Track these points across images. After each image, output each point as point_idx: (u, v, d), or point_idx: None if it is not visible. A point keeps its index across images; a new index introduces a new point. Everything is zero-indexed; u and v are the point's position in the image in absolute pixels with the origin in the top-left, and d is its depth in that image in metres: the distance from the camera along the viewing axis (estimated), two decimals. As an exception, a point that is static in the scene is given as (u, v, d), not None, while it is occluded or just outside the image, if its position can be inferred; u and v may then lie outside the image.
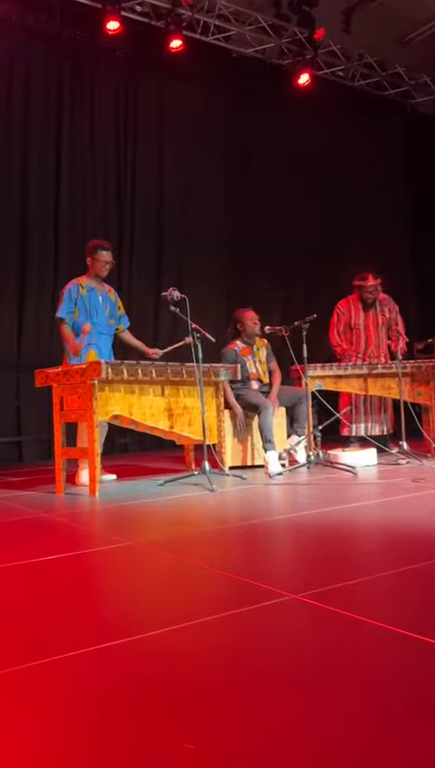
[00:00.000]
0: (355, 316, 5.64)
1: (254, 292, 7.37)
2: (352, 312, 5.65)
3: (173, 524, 3.09)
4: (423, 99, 9.15)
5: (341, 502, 3.38)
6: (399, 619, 1.58)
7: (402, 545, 2.39)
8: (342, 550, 2.40)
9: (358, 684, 1.27)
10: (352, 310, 5.65)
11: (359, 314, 5.64)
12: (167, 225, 7.49)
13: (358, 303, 5.64)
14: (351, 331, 5.65)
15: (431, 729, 1.08)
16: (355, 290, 5.64)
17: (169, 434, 4.46)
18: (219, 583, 2.02)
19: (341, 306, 5.69)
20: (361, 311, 5.64)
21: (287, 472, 4.66)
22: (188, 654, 1.46)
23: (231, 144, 7.85)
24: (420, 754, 1.01)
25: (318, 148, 8.10)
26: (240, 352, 5.19)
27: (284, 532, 2.81)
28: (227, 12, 7.30)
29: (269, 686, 1.28)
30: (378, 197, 8.55)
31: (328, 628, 1.58)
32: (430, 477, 4.03)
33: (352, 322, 5.64)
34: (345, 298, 5.72)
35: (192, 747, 1.04)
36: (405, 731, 1.08)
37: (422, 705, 1.17)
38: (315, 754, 1.03)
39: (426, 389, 5.44)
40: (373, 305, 5.63)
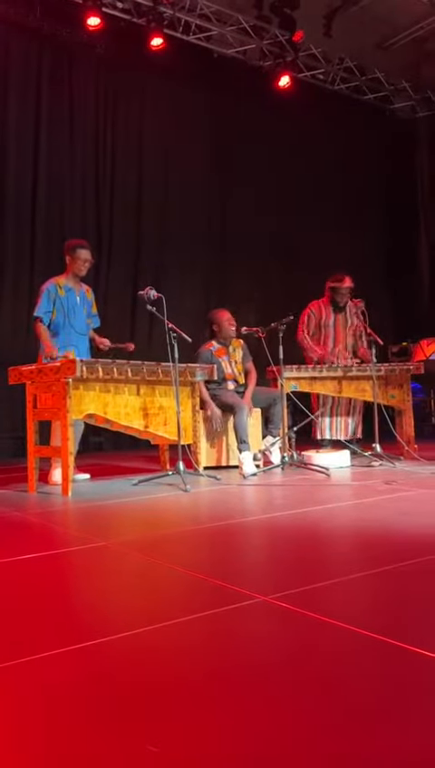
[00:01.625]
0: (326, 318, 5.64)
1: (232, 293, 7.39)
2: (323, 313, 5.63)
3: (146, 525, 3.09)
4: (402, 104, 9.25)
5: (313, 503, 3.40)
6: (367, 622, 1.60)
7: (373, 547, 2.41)
8: (313, 551, 2.42)
9: (324, 686, 1.28)
10: (322, 311, 5.63)
11: (329, 316, 5.63)
12: (145, 223, 7.47)
13: (329, 306, 5.62)
14: (320, 332, 5.65)
15: (396, 730, 1.09)
16: (327, 291, 5.64)
17: (143, 433, 4.44)
18: (190, 585, 2.02)
19: (312, 307, 5.67)
20: (331, 313, 5.63)
21: (261, 472, 4.67)
22: (158, 655, 1.46)
23: (211, 143, 7.85)
24: (384, 754, 1.03)
25: (298, 150, 8.14)
26: (215, 353, 5.20)
27: (256, 534, 2.82)
28: (209, 12, 7.30)
29: (238, 687, 1.28)
30: (356, 201, 8.62)
31: (297, 631, 1.59)
32: (402, 480, 4.07)
33: (322, 323, 5.64)
34: (317, 299, 5.72)
35: (156, 750, 1.04)
36: (371, 731, 1.09)
37: (387, 707, 1.19)
38: (283, 754, 1.03)
39: (399, 392, 5.50)
40: (344, 309, 5.63)
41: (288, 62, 7.76)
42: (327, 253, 7.36)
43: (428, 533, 2.54)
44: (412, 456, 5.17)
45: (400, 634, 1.49)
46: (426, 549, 2.24)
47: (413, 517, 2.91)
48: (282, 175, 8.06)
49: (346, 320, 5.63)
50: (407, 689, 1.26)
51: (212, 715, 1.17)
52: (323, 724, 1.13)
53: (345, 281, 5.55)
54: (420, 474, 4.33)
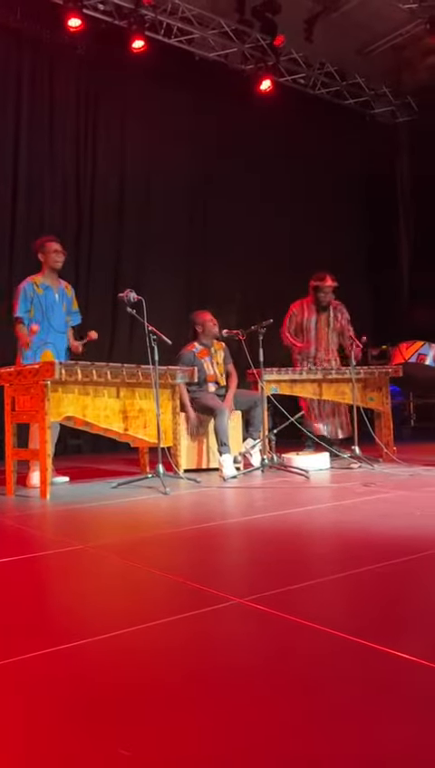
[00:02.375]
0: (307, 318, 5.66)
1: (213, 295, 7.39)
2: (305, 313, 5.67)
3: (125, 528, 3.07)
4: (382, 109, 9.33)
5: (292, 505, 3.41)
6: (342, 624, 1.60)
7: (351, 549, 2.42)
8: (291, 553, 2.42)
9: (299, 687, 1.28)
10: (304, 311, 5.67)
11: (311, 316, 5.66)
12: (127, 226, 7.45)
13: (311, 306, 5.66)
14: (302, 333, 5.68)
15: (371, 730, 1.10)
16: (311, 291, 5.67)
17: (123, 436, 4.43)
18: (167, 587, 2.01)
19: (294, 308, 5.72)
20: (314, 313, 5.66)
21: (241, 475, 4.68)
22: (134, 658, 1.45)
23: (193, 146, 7.85)
24: (358, 755, 1.03)
25: (279, 154, 8.18)
26: (198, 354, 5.20)
27: (235, 536, 2.82)
28: (191, 15, 7.31)
29: (212, 690, 1.28)
30: (337, 204, 8.68)
31: (271, 633, 1.60)
32: (381, 482, 4.10)
33: (304, 324, 5.67)
34: (299, 300, 5.76)
35: (128, 754, 1.03)
36: (345, 732, 1.10)
37: (362, 708, 1.19)
38: (260, 756, 1.03)
39: (378, 395, 5.54)
40: (327, 308, 5.65)
41: (270, 66, 7.79)
42: (308, 256, 7.39)
43: (405, 535, 2.56)
44: (391, 458, 5.21)
45: (374, 636, 1.50)
46: (402, 551, 2.26)
47: (391, 519, 2.93)
48: (263, 177, 8.09)
49: (329, 320, 5.66)
50: (381, 690, 1.27)
51: (187, 718, 1.16)
52: (297, 725, 1.13)
53: (327, 279, 5.59)
54: (399, 476, 4.36)
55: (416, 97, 9.19)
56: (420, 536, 2.49)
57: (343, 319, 5.62)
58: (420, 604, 1.75)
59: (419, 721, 1.14)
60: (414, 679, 1.31)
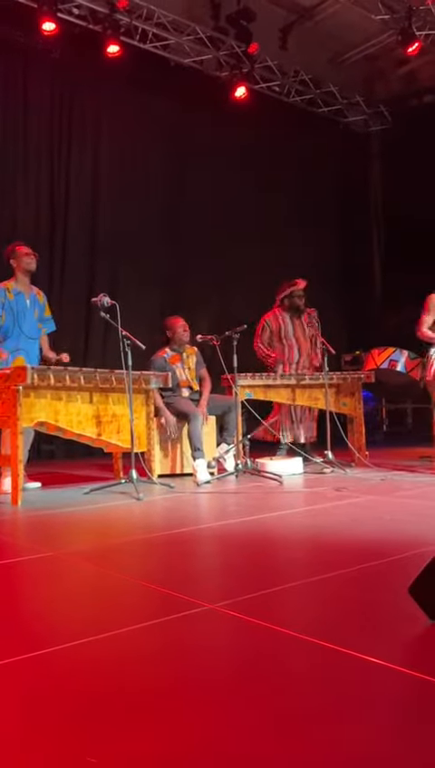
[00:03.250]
0: (284, 327, 5.69)
1: (187, 300, 7.39)
2: (281, 323, 5.68)
3: (97, 534, 3.06)
4: (355, 118, 9.44)
5: (266, 510, 3.43)
6: (312, 629, 1.62)
7: (322, 554, 2.45)
8: (263, 558, 2.44)
9: (268, 692, 1.29)
10: (279, 321, 5.68)
11: (287, 325, 5.69)
12: (101, 231, 7.42)
13: (284, 314, 5.69)
14: (281, 343, 5.69)
15: (336, 733, 1.12)
16: (281, 301, 5.70)
17: (96, 441, 4.41)
18: (138, 594, 2.01)
19: (267, 318, 5.71)
20: (288, 321, 5.69)
21: (215, 480, 4.69)
22: (103, 665, 1.45)
23: (168, 151, 7.86)
24: (326, 757, 1.04)
25: (253, 160, 8.22)
26: (169, 360, 5.20)
27: (208, 541, 2.83)
28: (166, 21, 7.33)
29: (182, 695, 1.28)
30: (310, 211, 8.74)
31: (242, 638, 1.61)
32: (353, 486, 4.14)
33: (283, 333, 5.68)
34: (271, 310, 5.76)
35: (95, 761, 1.03)
36: (313, 735, 1.11)
37: (329, 712, 1.21)
38: (228, 760, 1.04)
39: (351, 400, 5.59)
40: (301, 313, 5.69)
41: (244, 73, 7.84)
42: (282, 261, 7.45)
43: (374, 539, 2.59)
44: (363, 462, 5.26)
45: (343, 640, 1.52)
46: (372, 555, 2.28)
47: (361, 524, 2.96)
48: (238, 184, 8.13)
49: (304, 327, 5.70)
50: (350, 694, 1.29)
51: (155, 725, 1.17)
52: (265, 729, 1.14)
53: (299, 282, 5.64)
54: (370, 480, 4.41)
55: (388, 106, 9.32)
56: (389, 541, 2.53)
57: (313, 327, 5.65)
58: (387, 609, 1.78)
59: (386, 723, 1.16)
60: (382, 682, 1.33)
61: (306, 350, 5.70)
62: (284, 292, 5.70)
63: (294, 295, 5.64)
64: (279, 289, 5.75)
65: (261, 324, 5.71)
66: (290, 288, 5.65)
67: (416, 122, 8.80)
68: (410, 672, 1.35)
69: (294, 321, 5.69)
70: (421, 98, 9.02)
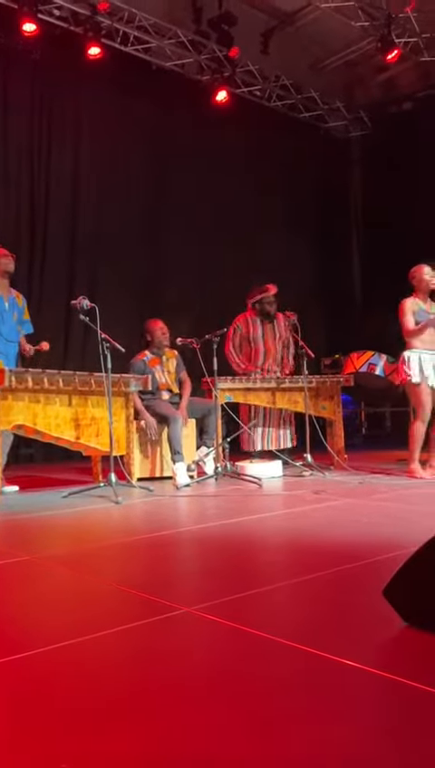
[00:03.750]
0: (253, 330, 5.71)
1: (167, 303, 7.38)
2: (250, 326, 5.70)
3: (74, 538, 3.04)
4: (336, 123, 9.52)
5: (245, 513, 3.43)
6: (287, 631, 1.63)
7: (299, 557, 2.46)
8: (241, 561, 2.44)
9: (243, 694, 1.30)
10: (249, 325, 5.70)
11: (257, 329, 5.71)
12: (81, 233, 7.39)
13: (255, 318, 5.72)
14: (249, 346, 5.71)
15: (311, 736, 1.12)
16: (252, 306, 5.73)
17: (75, 445, 4.39)
18: (114, 597, 2.01)
19: (238, 321, 5.73)
20: (258, 325, 5.71)
21: (195, 483, 4.68)
22: (79, 669, 1.44)
23: (149, 154, 7.85)
24: (302, 759, 1.05)
25: (234, 164, 8.25)
26: (149, 363, 5.19)
27: (186, 545, 2.83)
28: (147, 24, 7.33)
29: (159, 699, 1.28)
30: (291, 215, 8.79)
31: (218, 641, 1.61)
32: (331, 489, 4.16)
33: (251, 336, 5.71)
34: (242, 314, 5.77)
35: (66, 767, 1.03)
36: (288, 738, 1.12)
37: (305, 715, 1.21)
38: (206, 762, 1.04)
39: (330, 404, 5.62)
40: (272, 319, 5.72)
41: (225, 77, 7.86)
42: (261, 265, 7.46)
43: (351, 542, 2.61)
44: (342, 466, 5.29)
45: (318, 643, 1.52)
46: (348, 558, 2.30)
47: (338, 527, 2.98)
48: (218, 187, 8.14)
49: (275, 331, 5.72)
50: (325, 695, 1.30)
51: (131, 728, 1.16)
52: (241, 732, 1.14)
53: (270, 288, 5.67)
54: (349, 483, 4.43)
55: (368, 112, 9.41)
56: (366, 544, 2.55)
57: (287, 330, 5.68)
58: (363, 611, 1.79)
59: (361, 726, 1.17)
60: (357, 685, 1.34)
61: (273, 355, 5.71)
62: (254, 297, 5.71)
63: (264, 302, 5.66)
64: (250, 293, 5.76)
65: (232, 327, 5.73)
66: (260, 294, 5.67)
67: (395, 129, 8.89)
68: (384, 674, 1.36)
69: (264, 326, 5.70)
70: (400, 105, 9.12)
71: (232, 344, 5.70)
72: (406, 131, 8.64)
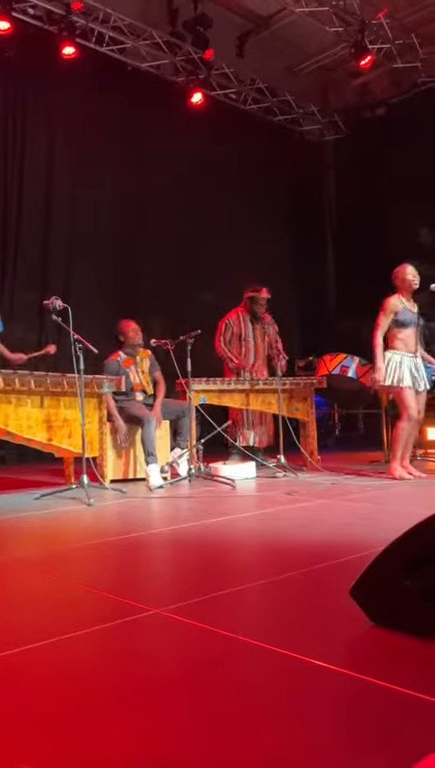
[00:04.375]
0: (245, 329, 5.77)
1: (141, 304, 7.37)
2: (242, 324, 5.77)
3: (45, 540, 3.02)
4: (310, 127, 9.59)
5: (217, 515, 3.44)
6: (255, 632, 1.63)
7: (270, 557, 2.47)
8: (213, 562, 2.44)
9: (212, 696, 1.30)
10: (241, 322, 5.78)
11: (248, 327, 5.78)
12: (54, 234, 7.33)
13: (246, 316, 5.77)
14: (241, 344, 5.76)
15: (278, 735, 1.13)
16: (245, 302, 5.78)
17: (47, 446, 4.35)
18: (83, 600, 2.00)
19: (230, 316, 5.80)
20: (249, 323, 5.77)
21: (168, 485, 4.68)
22: (48, 671, 1.43)
23: (123, 155, 7.83)
24: (270, 757, 1.06)
25: (210, 165, 8.26)
26: (123, 363, 5.17)
27: (158, 546, 2.82)
28: (122, 24, 7.32)
29: (126, 700, 1.28)
30: (265, 218, 8.83)
31: (185, 642, 1.61)
32: (304, 490, 4.19)
33: (243, 335, 5.76)
34: (234, 310, 5.83)
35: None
36: (256, 738, 1.12)
37: (272, 714, 1.22)
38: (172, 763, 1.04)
39: (303, 406, 5.66)
40: (260, 320, 5.77)
41: (201, 79, 7.87)
42: (237, 267, 7.48)
43: (321, 543, 2.63)
44: (315, 467, 5.32)
45: (286, 642, 1.53)
46: (317, 558, 2.32)
47: (309, 528, 3.00)
48: (194, 188, 8.15)
49: (264, 331, 5.79)
50: (291, 696, 1.30)
51: (98, 729, 1.16)
52: (204, 731, 1.15)
53: (263, 291, 5.74)
54: (321, 484, 4.47)
55: (342, 117, 9.50)
56: (336, 544, 2.57)
57: (273, 332, 5.77)
58: (330, 610, 1.81)
59: (327, 725, 1.18)
60: (323, 684, 1.35)
61: (262, 354, 5.78)
62: (248, 294, 5.76)
63: (255, 303, 5.73)
64: (247, 289, 5.81)
65: (224, 322, 5.78)
66: (253, 293, 5.73)
67: (369, 134, 8.99)
68: (349, 673, 1.38)
69: (254, 324, 5.78)
70: (374, 110, 9.22)
71: (223, 339, 5.75)
72: (379, 136, 8.74)
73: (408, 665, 1.43)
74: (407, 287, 4.75)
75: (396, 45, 7.94)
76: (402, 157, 8.15)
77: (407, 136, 8.17)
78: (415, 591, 1.54)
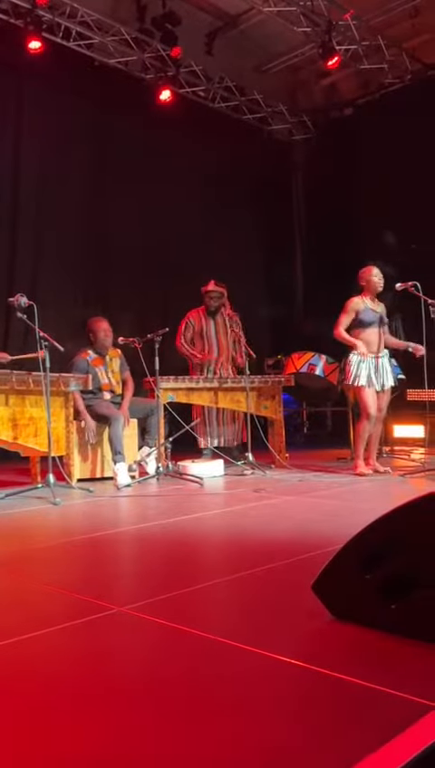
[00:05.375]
0: (205, 325, 5.85)
1: (110, 301, 7.32)
2: (202, 321, 5.86)
3: (10, 540, 2.98)
4: (279, 126, 9.62)
5: (185, 512, 3.44)
6: (218, 628, 1.65)
7: (234, 554, 2.49)
8: (178, 560, 2.45)
9: (173, 693, 1.31)
10: (201, 319, 5.87)
11: (208, 323, 5.85)
12: (22, 231, 7.23)
13: (205, 313, 5.86)
14: (202, 341, 5.81)
15: (241, 729, 1.14)
16: (202, 299, 5.87)
17: (12, 445, 4.30)
18: (46, 599, 1.98)
19: (190, 316, 5.89)
20: (210, 320, 5.85)
21: (136, 483, 4.66)
22: (8, 670, 1.42)
23: (91, 151, 7.74)
24: (232, 752, 1.06)
25: (178, 163, 8.22)
26: (92, 362, 5.13)
27: (124, 545, 2.82)
28: (90, 20, 7.24)
29: (86, 699, 1.28)
30: (233, 216, 8.83)
31: (148, 640, 1.61)
32: (271, 488, 4.21)
33: (203, 332, 5.84)
34: (194, 309, 5.91)
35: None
36: (219, 733, 1.13)
37: (234, 709, 1.23)
38: (130, 762, 1.04)
39: (272, 403, 5.69)
40: (215, 314, 5.84)
41: (169, 76, 7.84)
42: (205, 266, 7.46)
43: (285, 539, 2.65)
44: (283, 464, 5.36)
45: (249, 638, 1.55)
46: (281, 554, 2.34)
47: (274, 524, 3.03)
48: (163, 187, 8.11)
49: (226, 327, 5.82)
50: (253, 690, 1.32)
51: (54, 729, 1.16)
52: (165, 728, 1.15)
53: (209, 284, 5.83)
54: (288, 481, 4.50)
55: (311, 116, 9.55)
56: (300, 540, 2.59)
57: (237, 328, 5.78)
58: (293, 606, 1.82)
59: (290, 717, 1.19)
60: (285, 678, 1.37)
61: (225, 351, 5.83)
62: (202, 291, 5.86)
63: (205, 296, 5.84)
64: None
65: (184, 322, 5.85)
66: (203, 289, 5.86)
67: (337, 134, 9.06)
68: (310, 666, 1.40)
69: (216, 321, 5.83)
70: (342, 110, 9.29)
71: (183, 338, 5.84)
72: (347, 137, 8.82)
73: (368, 658, 1.46)
74: (371, 288, 4.82)
75: (362, 47, 8.01)
76: (370, 157, 8.23)
77: (374, 137, 8.26)
78: (374, 585, 1.57)
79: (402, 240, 7.45)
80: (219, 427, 5.77)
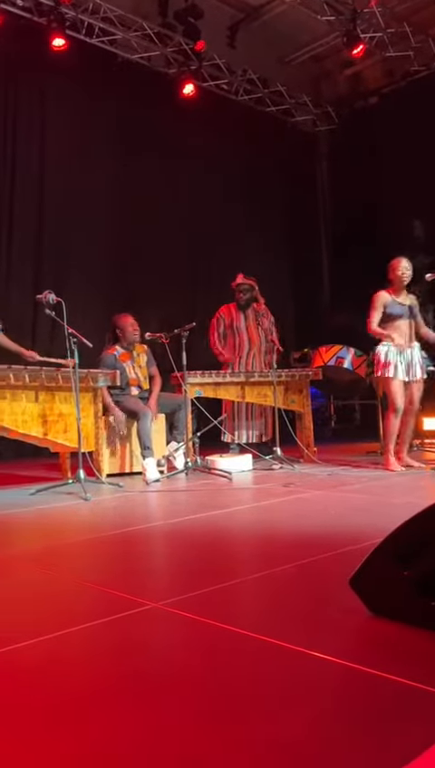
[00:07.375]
0: (236, 320, 5.87)
1: (136, 297, 7.33)
2: (233, 315, 5.88)
3: (42, 535, 3.01)
4: (303, 118, 9.53)
5: (214, 507, 3.43)
6: (254, 624, 1.63)
7: (268, 549, 2.47)
8: (210, 555, 2.44)
9: (208, 689, 1.30)
10: (232, 314, 5.89)
11: (239, 317, 5.87)
12: (48, 228, 7.28)
13: (235, 307, 5.87)
14: (233, 335, 5.83)
15: (276, 727, 1.12)
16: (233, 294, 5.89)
17: (43, 441, 4.34)
18: (81, 595, 1.99)
19: (221, 311, 5.93)
20: (241, 315, 5.86)
21: (165, 478, 4.67)
22: (44, 667, 1.43)
23: (116, 147, 7.76)
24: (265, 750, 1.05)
25: (202, 158, 8.20)
26: (119, 358, 5.14)
27: (155, 540, 2.82)
28: (112, 15, 7.25)
29: (120, 695, 1.27)
30: (259, 210, 8.79)
31: (183, 636, 1.60)
32: (300, 482, 4.19)
33: (234, 326, 5.86)
34: (226, 304, 5.93)
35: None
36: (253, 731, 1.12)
37: (269, 706, 1.22)
38: (163, 760, 1.04)
39: (299, 397, 5.65)
40: (248, 306, 5.84)
41: (192, 70, 7.81)
42: (231, 261, 7.45)
43: (318, 534, 2.63)
44: (311, 458, 5.32)
45: (285, 635, 1.53)
46: (315, 549, 2.31)
47: (306, 519, 3.00)
48: (186, 181, 8.10)
49: (257, 321, 5.81)
50: (290, 688, 1.30)
51: (91, 725, 1.16)
52: (199, 725, 1.14)
53: (238, 277, 5.86)
54: (317, 476, 4.47)
55: (335, 107, 9.45)
56: (333, 535, 2.57)
57: (268, 323, 5.79)
58: (330, 602, 1.80)
59: (328, 715, 1.18)
60: (323, 676, 1.35)
61: (257, 344, 5.84)
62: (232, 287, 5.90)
63: (236, 290, 5.85)
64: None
65: (216, 317, 5.90)
66: (233, 284, 5.87)
67: (361, 124, 8.94)
68: (348, 664, 1.38)
69: (246, 315, 5.84)
70: (366, 100, 9.17)
71: (217, 334, 5.88)
72: (372, 127, 8.70)
73: (410, 656, 1.43)
74: (398, 281, 4.75)
75: (388, 34, 7.89)
76: (396, 147, 8.11)
77: (400, 126, 8.13)
78: (413, 582, 1.54)
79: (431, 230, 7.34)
80: (247, 422, 5.77)
